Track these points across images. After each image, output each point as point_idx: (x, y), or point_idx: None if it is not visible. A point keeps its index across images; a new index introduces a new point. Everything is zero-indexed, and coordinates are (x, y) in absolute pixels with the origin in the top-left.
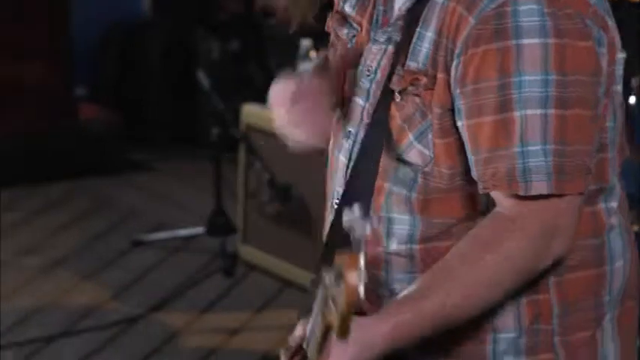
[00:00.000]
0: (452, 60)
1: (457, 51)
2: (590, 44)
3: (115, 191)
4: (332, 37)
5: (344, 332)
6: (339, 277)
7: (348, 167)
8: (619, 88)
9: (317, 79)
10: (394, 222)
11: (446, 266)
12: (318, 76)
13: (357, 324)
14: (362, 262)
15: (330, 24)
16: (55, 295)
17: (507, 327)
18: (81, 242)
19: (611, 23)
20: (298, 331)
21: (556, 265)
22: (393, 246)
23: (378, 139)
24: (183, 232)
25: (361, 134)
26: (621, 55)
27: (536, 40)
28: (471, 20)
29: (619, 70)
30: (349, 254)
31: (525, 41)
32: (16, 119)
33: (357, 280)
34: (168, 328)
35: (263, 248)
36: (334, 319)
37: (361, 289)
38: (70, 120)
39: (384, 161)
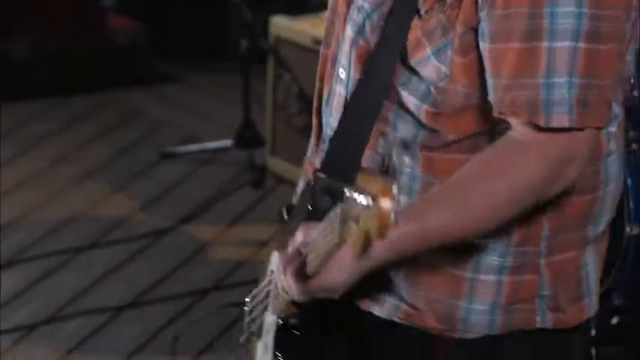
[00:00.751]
0: None
1: None
2: None
3: (142, 103)
4: None
5: (363, 251)
6: (371, 200)
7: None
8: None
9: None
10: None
11: (457, 185)
12: None
13: None
14: (396, 189)
15: None
16: (85, 207)
17: (494, 247)
18: (110, 154)
19: None
20: (299, 237)
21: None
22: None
23: (393, 50)
24: (212, 144)
25: (374, 37)
26: None
27: None
28: None
29: None
30: (383, 181)
31: None
32: (41, 28)
33: (391, 207)
34: (197, 240)
35: (291, 160)
36: (355, 239)
37: (393, 217)
38: (96, 31)
39: (397, 69)
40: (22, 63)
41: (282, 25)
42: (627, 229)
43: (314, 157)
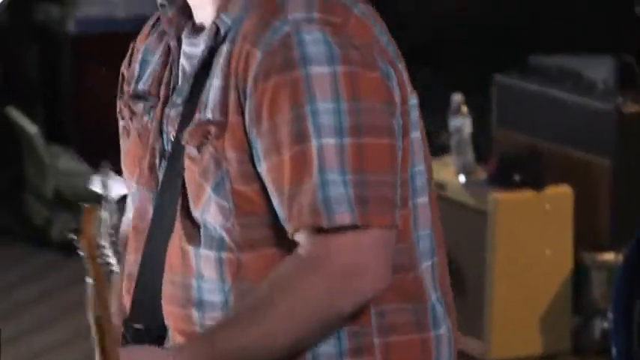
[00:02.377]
0: (245, 99)
1: (248, 89)
2: (380, 75)
3: None
4: (124, 122)
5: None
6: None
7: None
8: (418, 134)
9: None
10: (204, 289)
11: (243, 310)
12: None
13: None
14: (104, 213)
15: (122, 107)
16: None
17: None
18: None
19: (400, 66)
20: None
21: (381, 323)
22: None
23: (171, 198)
24: None
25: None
26: (414, 101)
27: (325, 68)
28: (258, 54)
29: (414, 115)
30: (87, 207)
31: (314, 69)
32: None
33: (93, 229)
34: None
35: None
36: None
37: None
38: None
39: (186, 225)
40: None
41: None
42: None
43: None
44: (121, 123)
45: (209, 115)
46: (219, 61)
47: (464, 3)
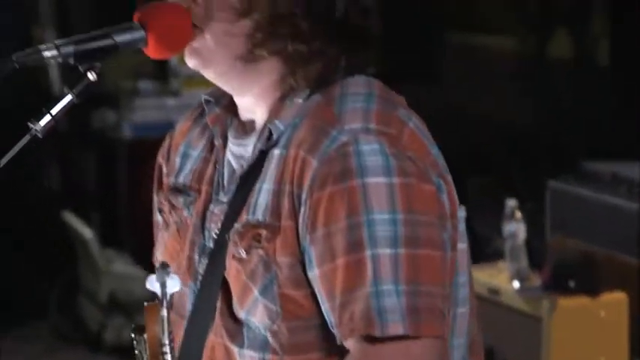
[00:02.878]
0: (299, 206)
1: (303, 196)
2: (433, 188)
3: None
4: (162, 215)
5: None
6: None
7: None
8: (464, 246)
9: None
10: None
11: None
12: None
13: None
14: (164, 312)
15: (161, 199)
16: None
17: None
18: None
19: (449, 178)
20: None
21: None
22: None
23: (212, 297)
24: None
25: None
26: (462, 214)
27: (381, 179)
28: (314, 163)
29: (462, 228)
30: (150, 305)
31: (371, 180)
32: None
33: (157, 327)
34: None
35: None
36: None
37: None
38: None
39: (228, 324)
40: None
41: None
42: None
43: None
44: (158, 215)
45: (259, 218)
46: (271, 165)
47: (519, 110)
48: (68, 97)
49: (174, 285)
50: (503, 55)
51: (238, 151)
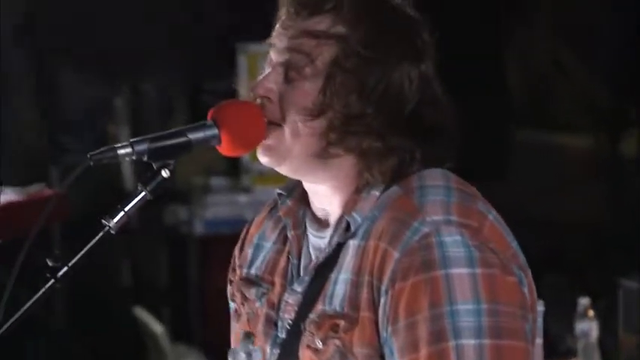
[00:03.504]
0: (379, 297)
1: (384, 287)
2: (515, 280)
3: None
4: (235, 305)
5: None
6: None
7: None
8: (540, 341)
9: None
10: None
11: None
12: None
13: None
14: None
15: (234, 290)
16: None
17: None
18: None
19: (529, 272)
20: None
21: None
22: None
23: None
24: None
25: None
26: (541, 308)
27: (464, 270)
28: (396, 254)
29: (540, 322)
30: None
31: (454, 271)
32: None
33: None
34: None
35: None
36: None
37: None
38: None
39: None
40: None
41: None
42: None
43: None
44: (231, 306)
45: (337, 308)
46: (347, 256)
47: (591, 209)
48: (142, 194)
49: (257, 358)
50: (576, 152)
51: (313, 242)
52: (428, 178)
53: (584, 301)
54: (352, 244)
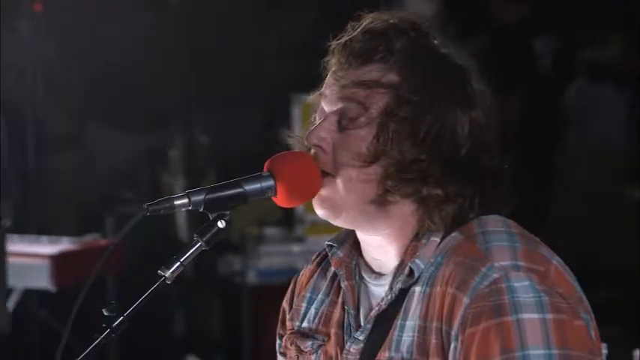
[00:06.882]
0: (449, 342)
1: (454, 332)
2: (583, 324)
3: None
4: (286, 359)
5: None
6: None
7: None
8: None
9: None
10: None
11: None
12: None
13: None
14: None
15: (287, 344)
16: None
17: None
18: None
19: (593, 316)
20: None
21: None
22: None
23: None
24: None
25: None
26: (605, 351)
27: (535, 315)
28: (466, 299)
29: None
30: None
31: (525, 316)
32: None
33: None
34: None
35: None
36: None
37: None
38: None
39: None
40: None
41: None
42: None
43: None
44: (280, 358)
45: (404, 355)
46: (413, 302)
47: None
48: (198, 245)
49: None
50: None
51: (375, 291)
52: (489, 224)
53: (637, 353)
54: (416, 290)
